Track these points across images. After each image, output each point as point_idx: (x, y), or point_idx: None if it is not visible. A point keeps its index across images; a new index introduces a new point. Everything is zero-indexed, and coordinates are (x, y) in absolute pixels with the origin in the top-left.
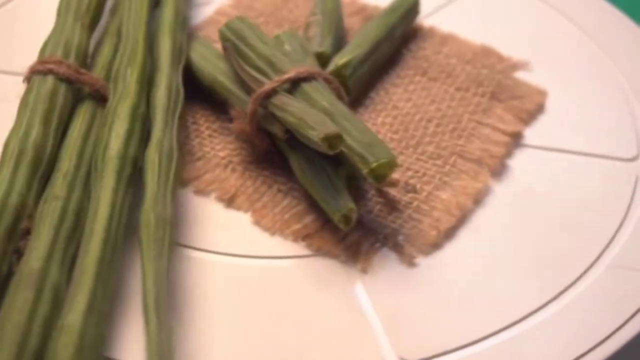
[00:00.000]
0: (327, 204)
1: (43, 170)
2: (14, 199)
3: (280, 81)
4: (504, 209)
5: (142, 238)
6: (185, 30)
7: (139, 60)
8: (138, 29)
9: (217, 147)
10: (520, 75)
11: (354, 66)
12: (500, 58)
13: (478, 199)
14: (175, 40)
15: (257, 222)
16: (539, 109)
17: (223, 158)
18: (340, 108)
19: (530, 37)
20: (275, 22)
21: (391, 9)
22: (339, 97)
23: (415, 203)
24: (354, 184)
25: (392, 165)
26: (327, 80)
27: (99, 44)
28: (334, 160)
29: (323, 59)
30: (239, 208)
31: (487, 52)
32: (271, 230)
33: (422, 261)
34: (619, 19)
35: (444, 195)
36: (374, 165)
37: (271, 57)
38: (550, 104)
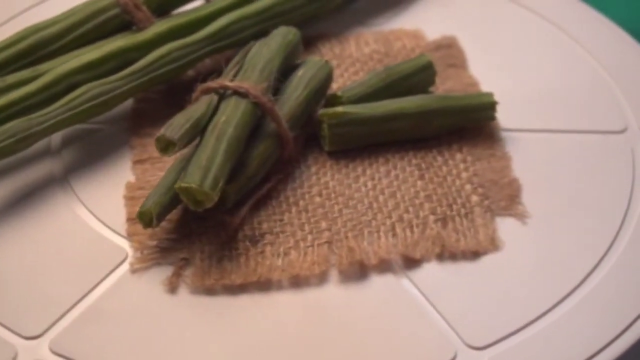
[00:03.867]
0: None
1: (31, 61)
2: None
3: (221, 84)
4: (308, 308)
5: None
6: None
7: (181, 21)
8: (225, 2)
9: None
10: (508, 222)
11: (344, 122)
12: (511, 198)
13: (296, 283)
14: (229, 25)
15: (127, 191)
16: (471, 258)
17: None
18: (227, 130)
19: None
20: (383, 62)
21: (453, 97)
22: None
23: (241, 251)
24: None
25: (207, 197)
26: (264, 107)
27: None
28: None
29: (333, 101)
30: (134, 172)
31: (507, 186)
32: (125, 202)
33: (184, 294)
34: None
35: (269, 261)
36: (182, 184)
37: (250, 66)
38: (488, 262)
